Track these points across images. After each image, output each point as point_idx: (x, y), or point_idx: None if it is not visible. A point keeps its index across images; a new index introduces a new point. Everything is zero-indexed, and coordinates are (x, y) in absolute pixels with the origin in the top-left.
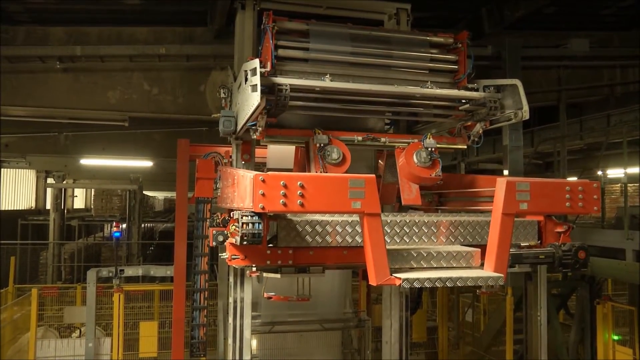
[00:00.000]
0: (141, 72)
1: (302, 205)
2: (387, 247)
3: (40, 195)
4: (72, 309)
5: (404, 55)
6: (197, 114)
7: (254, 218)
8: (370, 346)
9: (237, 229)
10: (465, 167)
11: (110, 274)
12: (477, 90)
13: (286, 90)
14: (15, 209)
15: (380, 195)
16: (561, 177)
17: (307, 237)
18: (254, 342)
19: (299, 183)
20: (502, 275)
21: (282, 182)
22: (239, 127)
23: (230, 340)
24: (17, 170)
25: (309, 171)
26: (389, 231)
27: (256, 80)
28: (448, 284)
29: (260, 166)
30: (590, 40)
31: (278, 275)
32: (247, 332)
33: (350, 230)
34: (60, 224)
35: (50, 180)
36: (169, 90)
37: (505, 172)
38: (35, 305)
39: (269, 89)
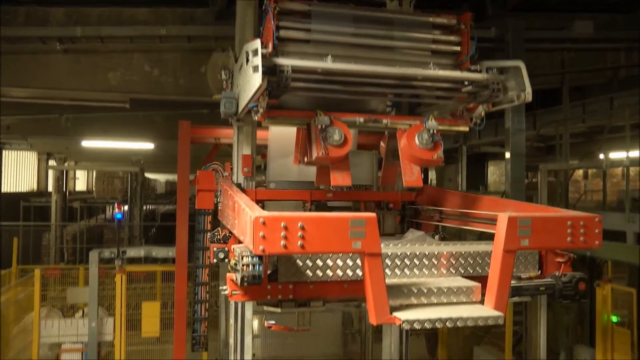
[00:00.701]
0: (142, 54)
1: (302, 246)
2: (388, 280)
3: (41, 178)
4: (75, 290)
5: (406, 36)
6: (198, 95)
7: (254, 259)
8: (371, 327)
9: (237, 263)
10: (467, 150)
11: (113, 255)
12: (479, 72)
13: (287, 71)
14: (17, 191)
15: (381, 177)
16: (563, 161)
17: (308, 271)
18: (255, 322)
19: (299, 224)
20: (501, 314)
21: (282, 224)
22: (240, 109)
23: (231, 321)
24: (18, 152)
25: (310, 153)
26: (389, 264)
27: (257, 61)
28: (448, 324)
29: (262, 149)
30: (595, 23)
31: (278, 310)
32: (248, 313)
33: (350, 264)
34: (62, 205)
35: (51, 162)
36: (170, 71)
37: (507, 154)
38: (39, 285)
39: (270, 70)
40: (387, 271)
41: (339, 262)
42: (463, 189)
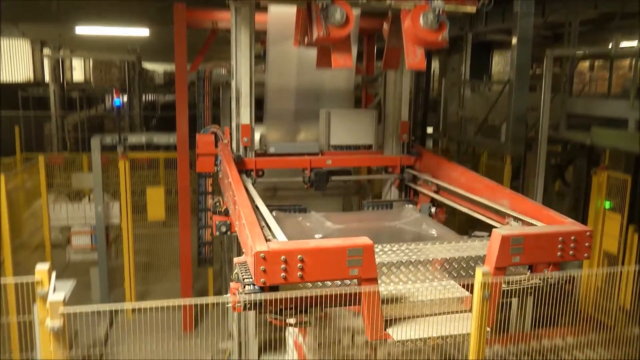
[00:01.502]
0: None
1: (301, 277)
2: (383, 287)
3: (37, 68)
4: (80, 175)
5: None
6: None
7: (256, 288)
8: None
9: (239, 277)
10: (472, 39)
11: (114, 142)
12: None
13: None
14: (13, 81)
15: (383, 61)
16: (570, 48)
17: (308, 283)
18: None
19: (299, 257)
20: (488, 329)
21: (282, 257)
22: None
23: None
24: (12, 42)
25: (311, 34)
26: (385, 271)
27: None
28: (438, 342)
29: (262, 35)
30: None
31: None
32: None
33: None
34: (60, 95)
35: (46, 51)
36: None
37: (514, 40)
38: (43, 170)
39: None
40: (383, 277)
41: None
42: (466, 78)
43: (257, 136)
